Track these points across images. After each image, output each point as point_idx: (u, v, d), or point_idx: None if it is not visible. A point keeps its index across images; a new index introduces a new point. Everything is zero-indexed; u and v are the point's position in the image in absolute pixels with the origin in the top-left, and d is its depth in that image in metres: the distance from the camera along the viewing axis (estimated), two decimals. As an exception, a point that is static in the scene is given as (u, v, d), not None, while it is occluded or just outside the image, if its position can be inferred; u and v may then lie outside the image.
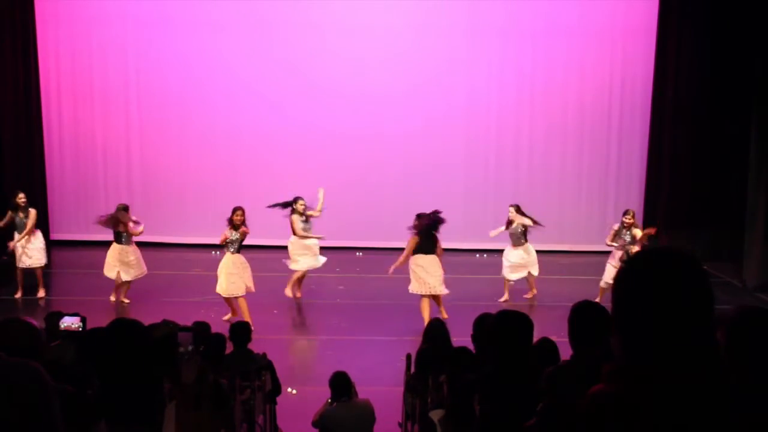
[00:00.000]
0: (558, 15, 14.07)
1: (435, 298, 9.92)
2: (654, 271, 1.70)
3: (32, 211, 10.97)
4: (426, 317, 9.41)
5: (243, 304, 9.68)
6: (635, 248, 9.93)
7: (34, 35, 14.00)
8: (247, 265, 9.88)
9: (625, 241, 10.27)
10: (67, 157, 14.49)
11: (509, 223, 10.93)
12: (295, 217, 10.72)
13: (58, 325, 5.01)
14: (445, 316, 9.63)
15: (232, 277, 9.69)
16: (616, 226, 10.52)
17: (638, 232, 10.25)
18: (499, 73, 14.22)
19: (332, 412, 5.78)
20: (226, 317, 9.67)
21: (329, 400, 5.92)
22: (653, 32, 13.94)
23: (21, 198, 10.94)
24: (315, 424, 5.87)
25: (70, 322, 4.93)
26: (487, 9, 14.09)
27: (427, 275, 9.71)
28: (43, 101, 14.24)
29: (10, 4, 13.79)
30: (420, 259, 9.75)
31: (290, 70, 14.14)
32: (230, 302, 9.84)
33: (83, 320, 5.00)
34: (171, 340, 4.74)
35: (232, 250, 9.78)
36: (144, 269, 10.80)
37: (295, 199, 10.73)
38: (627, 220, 10.34)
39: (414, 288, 9.83)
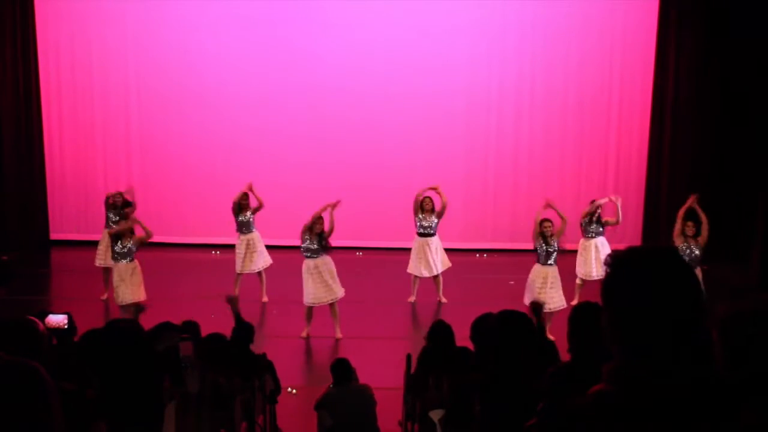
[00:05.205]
0: (557, 15, 14.05)
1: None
2: (637, 270, 1.72)
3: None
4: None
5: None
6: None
7: (34, 35, 13.99)
8: None
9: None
10: (67, 157, 14.47)
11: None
12: None
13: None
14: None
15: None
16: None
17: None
18: (499, 73, 14.20)
19: (333, 395, 6.06)
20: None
21: (330, 385, 6.19)
22: (653, 32, 13.92)
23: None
24: (317, 407, 6.12)
25: (54, 321, 4.88)
26: (487, 8, 14.07)
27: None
28: (43, 101, 14.22)
29: (11, 4, 13.79)
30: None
31: (291, 70, 14.12)
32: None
33: (70, 318, 4.97)
34: (173, 352, 4.75)
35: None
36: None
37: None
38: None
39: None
